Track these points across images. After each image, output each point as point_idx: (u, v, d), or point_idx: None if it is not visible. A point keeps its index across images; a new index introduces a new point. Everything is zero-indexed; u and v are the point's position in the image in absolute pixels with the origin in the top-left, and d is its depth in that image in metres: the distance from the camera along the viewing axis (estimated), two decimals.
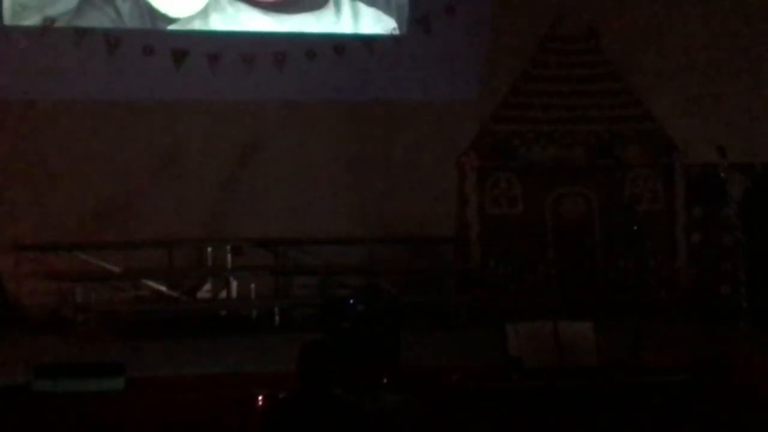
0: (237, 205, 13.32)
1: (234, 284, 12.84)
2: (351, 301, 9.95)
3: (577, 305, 12.57)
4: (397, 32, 13.69)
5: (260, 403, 7.69)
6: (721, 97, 13.98)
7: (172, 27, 13.07)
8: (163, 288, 12.88)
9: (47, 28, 12.61)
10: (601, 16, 13.88)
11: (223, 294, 12.88)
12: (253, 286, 12.75)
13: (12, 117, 12.86)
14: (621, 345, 9.31)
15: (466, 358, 9.98)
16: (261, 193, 13.36)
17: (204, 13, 13.23)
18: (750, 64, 14.13)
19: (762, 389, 8.84)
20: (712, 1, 14.07)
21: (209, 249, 13.02)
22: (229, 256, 12.95)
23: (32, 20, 12.66)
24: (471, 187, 13.56)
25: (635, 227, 9.86)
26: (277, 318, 12.51)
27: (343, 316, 9.64)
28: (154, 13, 13.00)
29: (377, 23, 13.68)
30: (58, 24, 12.61)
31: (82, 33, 12.60)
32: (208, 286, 12.93)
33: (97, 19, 12.79)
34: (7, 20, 12.69)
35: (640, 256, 10.42)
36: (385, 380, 8.48)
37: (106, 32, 12.65)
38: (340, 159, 13.61)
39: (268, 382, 8.55)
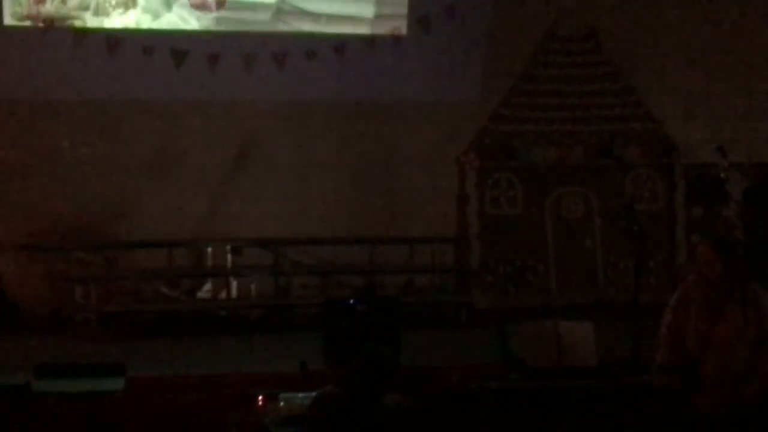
0: (236, 205, 13.31)
1: (234, 284, 12.84)
2: (351, 301, 9.96)
3: (577, 305, 12.60)
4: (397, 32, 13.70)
5: (260, 402, 7.70)
6: (721, 97, 13.98)
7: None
8: (163, 288, 12.87)
9: (47, 28, 12.61)
10: (601, 16, 13.88)
11: (223, 294, 12.87)
12: (253, 286, 12.75)
13: (12, 117, 12.85)
14: (621, 345, 9.30)
15: (466, 358, 9.97)
16: (261, 193, 13.35)
17: None
18: (750, 64, 14.12)
19: (762, 389, 8.81)
20: (712, 1, 14.06)
21: (209, 249, 13.01)
22: (229, 256, 12.94)
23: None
24: (471, 187, 13.56)
25: (635, 227, 9.83)
26: (277, 318, 12.50)
27: (343, 316, 9.64)
28: None
29: None
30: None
31: (82, 33, 12.60)
32: (208, 286, 12.93)
33: None
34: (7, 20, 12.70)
35: (640, 256, 10.38)
36: None
37: (106, 32, 12.66)
38: (340, 159, 13.60)
39: (268, 382, 8.56)
